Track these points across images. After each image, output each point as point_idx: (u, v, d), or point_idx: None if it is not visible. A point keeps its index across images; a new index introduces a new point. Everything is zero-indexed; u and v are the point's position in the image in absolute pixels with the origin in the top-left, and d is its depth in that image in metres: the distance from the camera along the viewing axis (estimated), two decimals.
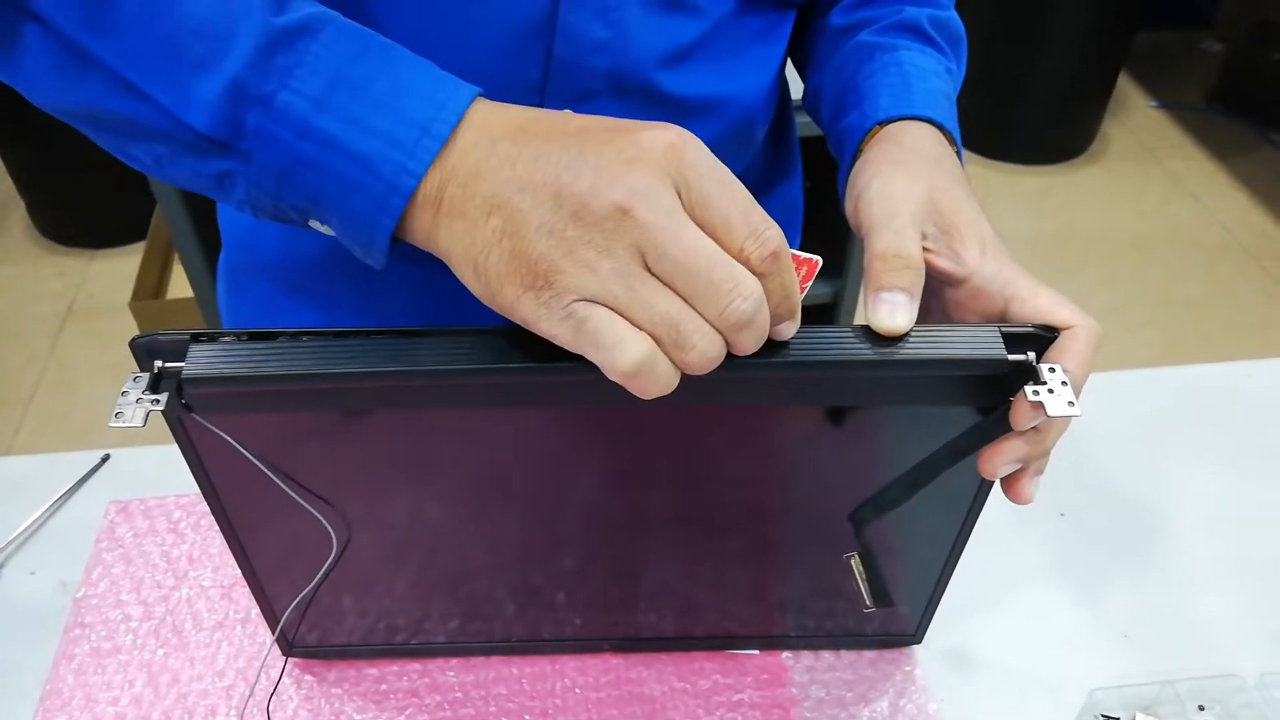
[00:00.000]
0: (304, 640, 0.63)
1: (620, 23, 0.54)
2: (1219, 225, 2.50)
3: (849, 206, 0.53)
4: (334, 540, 0.53)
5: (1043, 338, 0.45)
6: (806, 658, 0.65)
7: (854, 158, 0.56)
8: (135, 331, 0.50)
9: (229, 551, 0.70)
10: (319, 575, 0.55)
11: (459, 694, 0.63)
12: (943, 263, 0.48)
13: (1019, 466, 0.48)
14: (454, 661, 0.64)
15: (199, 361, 0.43)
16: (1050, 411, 0.42)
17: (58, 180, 2.29)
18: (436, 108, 0.40)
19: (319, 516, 0.51)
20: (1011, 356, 0.43)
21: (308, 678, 0.64)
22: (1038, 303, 0.47)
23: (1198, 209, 2.55)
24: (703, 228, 0.38)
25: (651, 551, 0.59)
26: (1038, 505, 0.75)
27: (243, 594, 0.68)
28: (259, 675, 0.64)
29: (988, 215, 0.50)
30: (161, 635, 0.66)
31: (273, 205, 0.43)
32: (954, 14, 0.63)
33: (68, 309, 2.24)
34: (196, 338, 0.43)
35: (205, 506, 0.73)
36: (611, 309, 0.38)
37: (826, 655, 0.65)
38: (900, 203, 0.48)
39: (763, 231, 0.38)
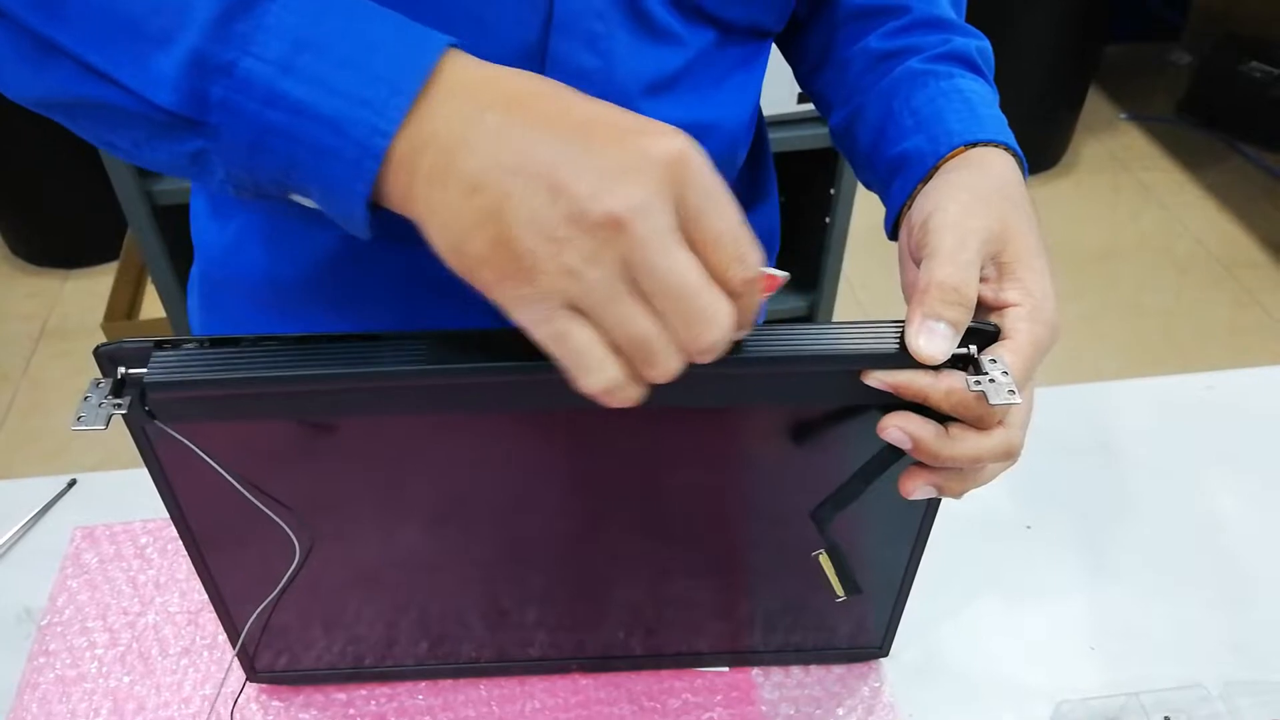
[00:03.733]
0: (270, 665, 0.62)
1: (609, 52, 0.54)
2: (1189, 235, 2.53)
3: (910, 225, 0.52)
4: (296, 547, 0.53)
5: (985, 332, 0.46)
6: (776, 674, 0.65)
7: (922, 180, 0.55)
8: None
9: (196, 577, 0.69)
10: (281, 583, 0.55)
11: (427, 717, 0.63)
12: (986, 293, 0.49)
13: (934, 475, 0.49)
14: (422, 685, 0.64)
15: (161, 367, 0.43)
16: (992, 400, 0.43)
17: (30, 199, 2.27)
18: (405, 62, 0.39)
19: (279, 522, 0.51)
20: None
21: (275, 703, 0.63)
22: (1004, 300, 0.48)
23: (1168, 219, 2.58)
24: (692, 243, 0.38)
25: (618, 567, 0.59)
26: (1004, 518, 0.75)
27: (209, 619, 0.67)
28: (220, 700, 0.63)
29: (1049, 257, 0.50)
30: (127, 662, 0.65)
31: (251, 180, 0.43)
32: (989, 44, 0.63)
33: (40, 330, 2.23)
34: (159, 345, 0.43)
35: (172, 531, 0.72)
36: (587, 317, 0.38)
37: (796, 671, 0.65)
38: (971, 237, 0.48)
39: (747, 255, 0.39)
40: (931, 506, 0.55)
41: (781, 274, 0.43)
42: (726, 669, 0.65)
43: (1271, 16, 2.90)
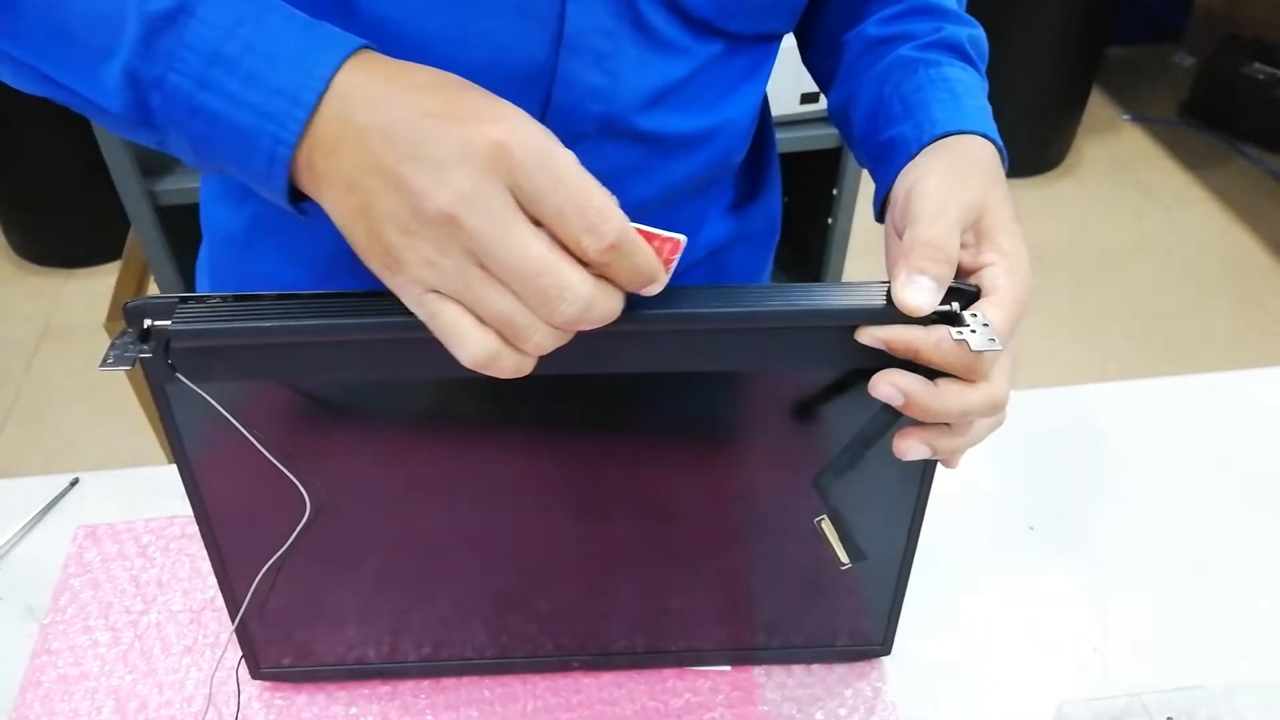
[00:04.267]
0: (274, 662, 0.63)
1: (615, 69, 0.55)
2: (1192, 236, 2.52)
3: (894, 199, 0.54)
4: (307, 505, 0.53)
5: (966, 292, 0.48)
6: (778, 674, 0.65)
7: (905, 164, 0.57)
8: None
9: (198, 576, 0.70)
10: (288, 543, 0.55)
11: (430, 716, 0.63)
12: (965, 258, 0.51)
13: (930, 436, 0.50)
14: (425, 683, 0.64)
15: (185, 319, 0.44)
16: (974, 346, 0.45)
17: (32, 199, 2.27)
18: (304, 75, 0.41)
19: (290, 476, 0.52)
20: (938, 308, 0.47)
21: (277, 701, 0.63)
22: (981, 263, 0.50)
23: (1170, 220, 2.58)
24: (540, 223, 0.39)
25: (621, 562, 0.59)
26: (1006, 519, 0.75)
27: (212, 618, 0.67)
28: (223, 698, 0.63)
29: (1025, 236, 0.52)
30: (130, 661, 0.65)
31: (209, 169, 0.45)
32: (982, 31, 0.65)
33: (43, 330, 2.23)
34: (184, 299, 0.45)
35: (175, 530, 0.73)
36: (457, 301, 0.40)
37: (798, 671, 0.65)
38: (952, 203, 0.50)
39: (598, 225, 0.39)
40: (925, 486, 0.55)
41: (675, 236, 0.43)
42: (728, 667, 0.65)
43: (1274, 18, 2.90)
